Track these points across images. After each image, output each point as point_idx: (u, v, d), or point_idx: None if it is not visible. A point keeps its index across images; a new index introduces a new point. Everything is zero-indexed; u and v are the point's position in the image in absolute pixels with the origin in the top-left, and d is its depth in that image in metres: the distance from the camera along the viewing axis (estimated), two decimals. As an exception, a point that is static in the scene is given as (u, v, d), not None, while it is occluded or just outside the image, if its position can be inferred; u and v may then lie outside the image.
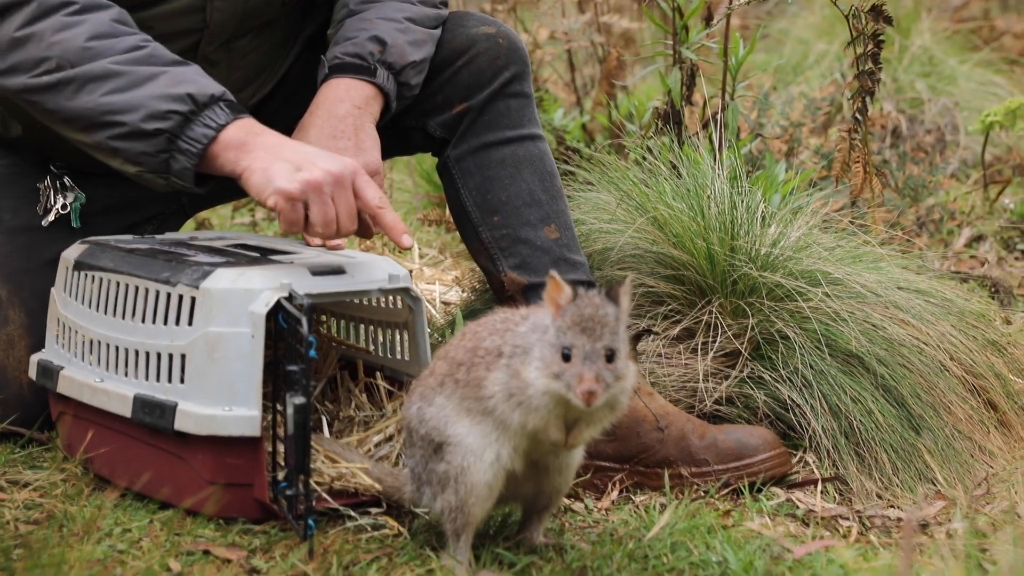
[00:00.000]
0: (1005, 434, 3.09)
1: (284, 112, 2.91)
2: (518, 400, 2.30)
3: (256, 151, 2.57)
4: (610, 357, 2.25)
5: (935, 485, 2.89)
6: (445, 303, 3.99)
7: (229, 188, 2.82)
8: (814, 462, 2.93)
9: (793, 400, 2.97)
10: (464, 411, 2.37)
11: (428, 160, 4.99)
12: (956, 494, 2.84)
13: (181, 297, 2.59)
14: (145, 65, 2.62)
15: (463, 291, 3.82)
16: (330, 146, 2.79)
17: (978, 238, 4.50)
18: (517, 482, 2.45)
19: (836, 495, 2.86)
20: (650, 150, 3.49)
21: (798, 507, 2.80)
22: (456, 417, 2.38)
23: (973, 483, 2.89)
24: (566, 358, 2.24)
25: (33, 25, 2.63)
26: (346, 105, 2.84)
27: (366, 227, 2.67)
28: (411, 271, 4.12)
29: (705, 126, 3.75)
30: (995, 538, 2.57)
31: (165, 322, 2.62)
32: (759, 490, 2.85)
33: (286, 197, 2.52)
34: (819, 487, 2.87)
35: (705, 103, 3.90)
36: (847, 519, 2.76)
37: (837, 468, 2.91)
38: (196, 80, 2.62)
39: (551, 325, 2.28)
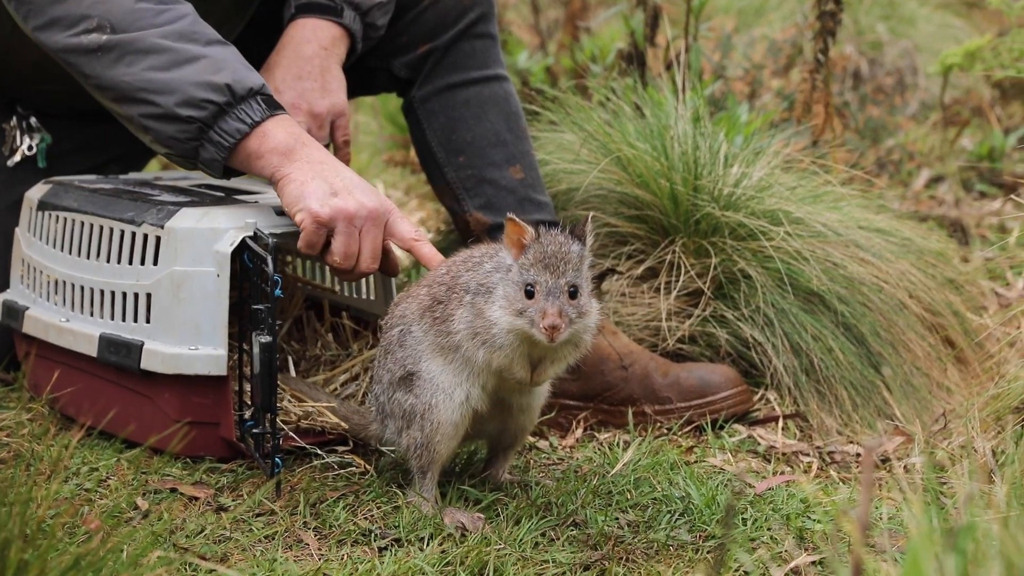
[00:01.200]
0: (962, 370, 3.14)
1: (254, 52, 2.89)
2: (483, 339, 2.32)
3: (300, 162, 2.52)
4: (573, 293, 2.27)
5: (894, 421, 2.94)
6: (409, 244, 3.99)
7: None
8: (775, 399, 2.97)
9: (755, 338, 3.00)
10: (438, 348, 2.39)
11: (393, 101, 4.97)
12: (914, 430, 2.89)
13: (146, 236, 2.59)
14: (187, 42, 2.54)
15: (428, 232, 3.83)
16: (296, 86, 2.78)
17: (937, 179, 4.53)
18: (483, 421, 2.47)
19: (797, 431, 2.90)
20: (614, 91, 3.49)
21: (759, 443, 2.84)
22: (430, 354, 2.40)
23: (931, 419, 2.94)
24: (529, 295, 2.26)
25: None
26: (312, 46, 2.82)
27: (392, 265, 2.62)
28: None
29: (668, 67, 3.75)
30: (953, 472, 2.61)
31: (130, 262, 2.62)
32: (721, 427, 2.89)
33: (314, 219, 2.47)
34: (780, 424, 2.91)
35: (668, 45, 3.90)
36: (807, 455, 2.80)
37: (798, 405, 2.95)
38: (236, 68, 2.55)
39: (514, 264, 2.29)
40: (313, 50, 2.82)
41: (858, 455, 2.78)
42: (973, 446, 2.66)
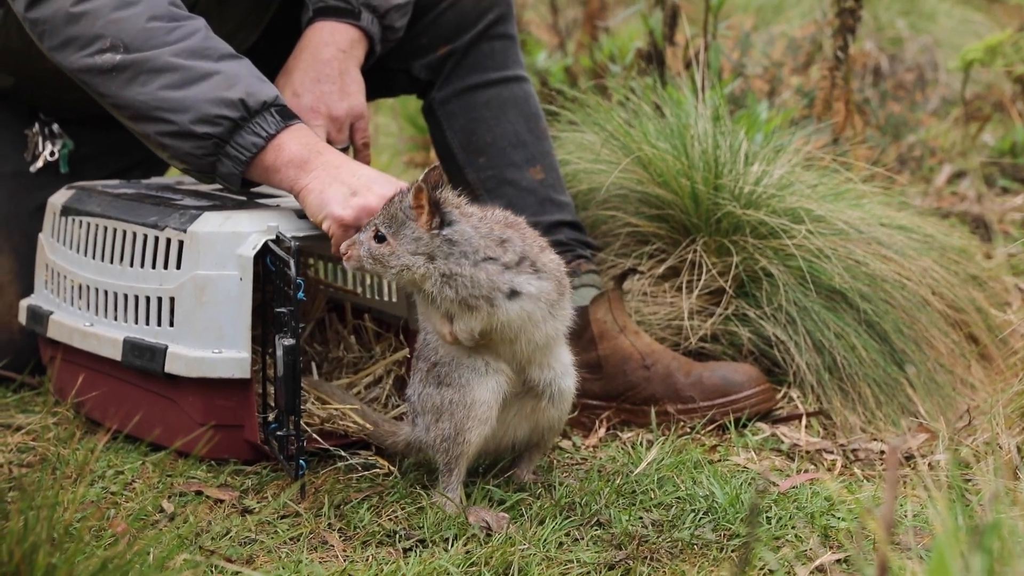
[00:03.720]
0: (986, 367, 3.13)
1: (272, 58, 2.90)
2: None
3: (316, 171, 2.53)
4: (379, 238, 2.39)
5: (918, 418, 2.93)
6: (430, 246, 4.00)
7: None
8: (798, 397, 2.97)
9: (777, 336, 3.00)
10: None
11: (413, 103, 4.98)
12: (939, 426, 2.88)
13: (169, 241, 2.60)
14: (200, 59, 2.56)
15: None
16: (315, 89, 2.79)
17: (959, 174, 4.52)
18: (511, 419, 2.48)
19: (820, 429, 2.90)
20: (633, 91, 3.50)
21: (783, 441, 2.83)
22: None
23: (955, 415, 2.93)
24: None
25: (90, 1, 2.57)
26: (331, 49, 2.83)
27: None
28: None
29: (687, 66, 3.76)
30: (977, 469, 2.60)
31: (153, 266, 2.63)
32: (744, 425, 2.89)
33: (339, 223, 2.49)
34: (803, 422, 2.90)
35: (687, 43, 3.90)
36: (831, 452, 2.79)
37: (821, 403, 2.94)
38: (249, 82, 2.56)
39: None
40: (331, 53, 2.83)
41: (882, 452, 2.78)
42: (998, 443, 2.65)
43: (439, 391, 2.43)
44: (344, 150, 2.83)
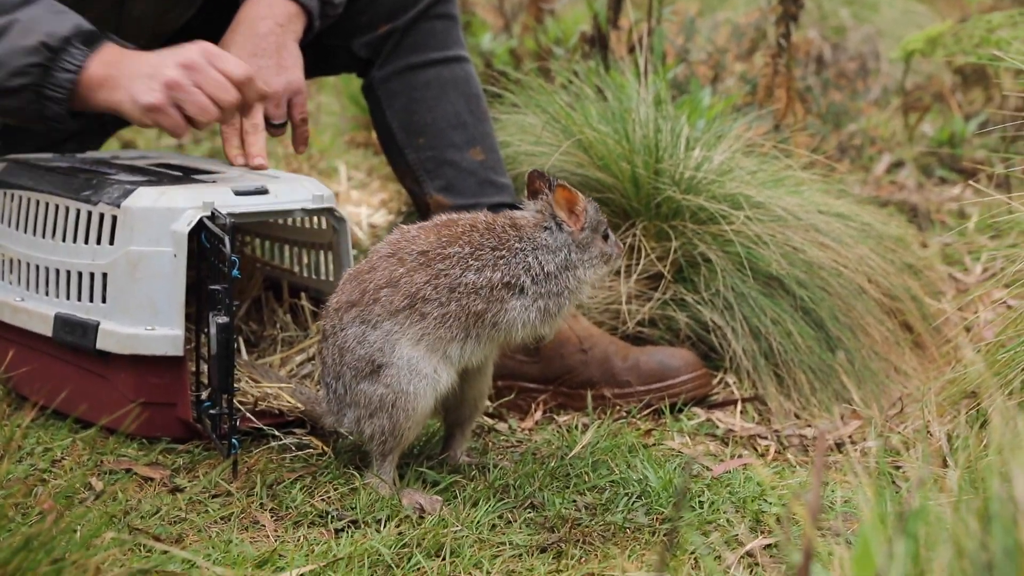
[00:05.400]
0: (919, 355, 3.15)
1: (210, 29, 2.86)
2: (556, 311, 2.50)
3: (120, 80, 2.57)
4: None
5: (851, 405, 2.95)
6: (372, 225, 3.99)
7: None
8: (734, 383, 2.98)
9: (714, 322, 3.01)
10: (421, 338, 2.40)
11: (356, 82, 4.92)
12: (871, 413, 2.90)
13: (102, 216, 2.57)
14: None
15: (390, 213, 3.82)
16: (251, 64, 2.76)
17: (898, 164, 4.55)
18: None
19: (755, 415, 2.91)
20: (576, 74, 3.49)
21: (718, 427, 2.85)
22: (410, 345, 2.39)
23: (888, 403, 2.96)
24: (605, 238, 2.54)
25: None
26: (268, 23, 2.80)
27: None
28: (338, 193, 4.11)
29: (631, 51, 3.75)
30: (907, 456, 2.63)
31: (86, 241, 2.59)
32: (680, 410, 2.90)
33: (154, 109, 2.54)
34: (739, 407, 2.92)
35: (631, 27, 3.90)
36: (765, 438, 2.81)
37: (756, 388, 2.96)
38: (46, 21, 2.56)
39: (577, 230, 2.50)
40: (268, 27, 2.79)
41: (815, 439, 2.79)
42: (929, 430, 2.67)
43: (375, 388, 2.40)
44: (282, 125, 2.80)
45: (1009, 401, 2.37)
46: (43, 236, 2.67)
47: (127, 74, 2.57)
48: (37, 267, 2.68)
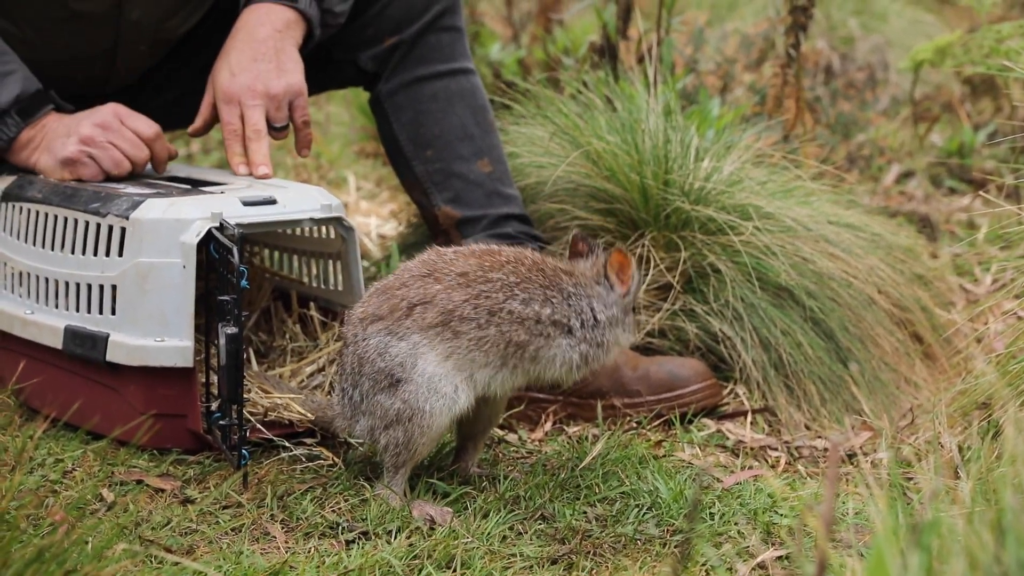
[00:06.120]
0: (930, 366, 3.15)
1: (214, 39, 2.87)
2: (592, 361, 2.52)
3: (41, 142, 2.76)
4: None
5: (861, 416, 2.94)
6: (382, 236, 3.99)
7: (166, 120, 2.84)
8: (744, 393, 2.97)
9: (724, 332, 3.00)
10: (450, 356, 2.39)
11: (365, 93, 4.95)
12: (882, 425, 2.89)
13: (111, 228, 2.57)
14: None
15: (399, 224, 3.82)
16: (252, 68, 2.77)
17: (907, 174, 4.55)
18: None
19: (765, 426, 2.91)
20: (585, 84, 3.49)
21: (728, 438, 2.84)
22: (436, 362, 2.39)
23: (899, 414, 2.95)
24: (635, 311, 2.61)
25: None
26: (266, 28, 2.81)
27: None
28: (347, 204, 4.12)
29: (640, 61, 3.75)
30: (919, 467, 2.62)
31: (95, 253, 2.60)
32: (690, 421, 2.89)
33: (70, 162, 2.73)
34: (749, 418, 2.91)
35: (640, 38, 3.90)
36: (776, 449, 2.80)
37: (766, 399, 2.95)
38: None
39: (624, 294, 2.52)
40: (267, 32, 2.80)
41: (826, 450, 2.79)
42: (940, 441, 2.67)
43: (392, 402, 2.40)
44: (284, 128, 2.81)
45: (1022, 412, 2.37)
46: (52, 249, 2.67)
47: (49, 135, 2.76)
48: (47, 280, 2.68)
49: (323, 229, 2.81)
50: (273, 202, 2.61)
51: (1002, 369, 2.59)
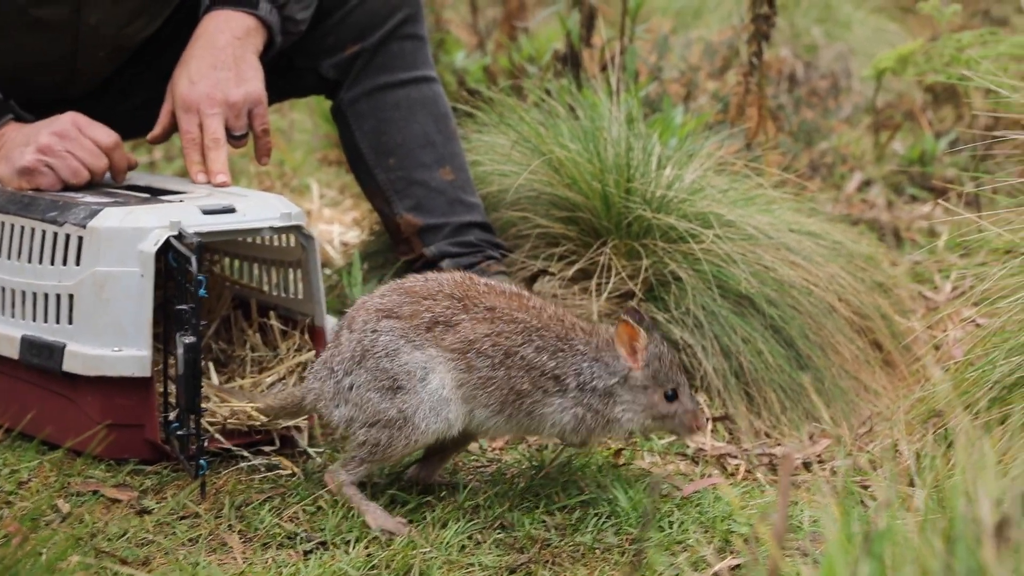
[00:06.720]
0: (889, 373, 3.16)
1: (176, 46, 2.86)
2: (590, 431, 2.46)
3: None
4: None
5: (821, 424, 2.95)
6: (344, 244, 3.98)
7: (126, 128, 2.83)
8: (705, 401, 2.98)
9: (685, 340, 3.01)
10: (462, 386, 2.40)
11: (327, 101, 4.94)
12: (841, 432, 2.90)
13: (68, 237, 2.56)
14: None
15: (362, 232, 3.81)
16: (211, 76, 2.76)
17: (868, 182, 4.57)
18: None
19: (726, 434, 2.91)
20: (549, 92, 3.49)
21: (688, 446, 2.84)
22: (452, 387, 2.39)
23: (858, 422, 2.96)
24: (671, 399, 2.47)
25: None
26: (226, 35, 2.80)
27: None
28: (310, 211, 4.10)
29: (603, 69, 3.76)
30: (874, 476, 2.63)
31: (52, 262, 2.58)
32: (650, 430, 2.89)
33: (27, 171, 2.71)
34: (709, 426, 2.91)
35: (604, 46, 3.91)
36: (735, 457, 2.81)
37: (727, 407, 2.95)
38: None
39: (637, 370, 2.44)
40: (227, 40, 2.80)
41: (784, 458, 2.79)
42: (897, 448, 2.68)
43: (388, 406, 2.38)
44: (243, 136, 2.80)
45: (975, 421, 2.38)
46: (9, 258, 2.65)
47: (7, 145, 2.75)
48: (3, 289, 2.66)
49: (283, 237, 2.80)
50: (232, 211, 2.60)
51: (959, 377, 2.60)
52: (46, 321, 2.59)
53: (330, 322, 2.77)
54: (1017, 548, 1.43)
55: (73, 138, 2.72)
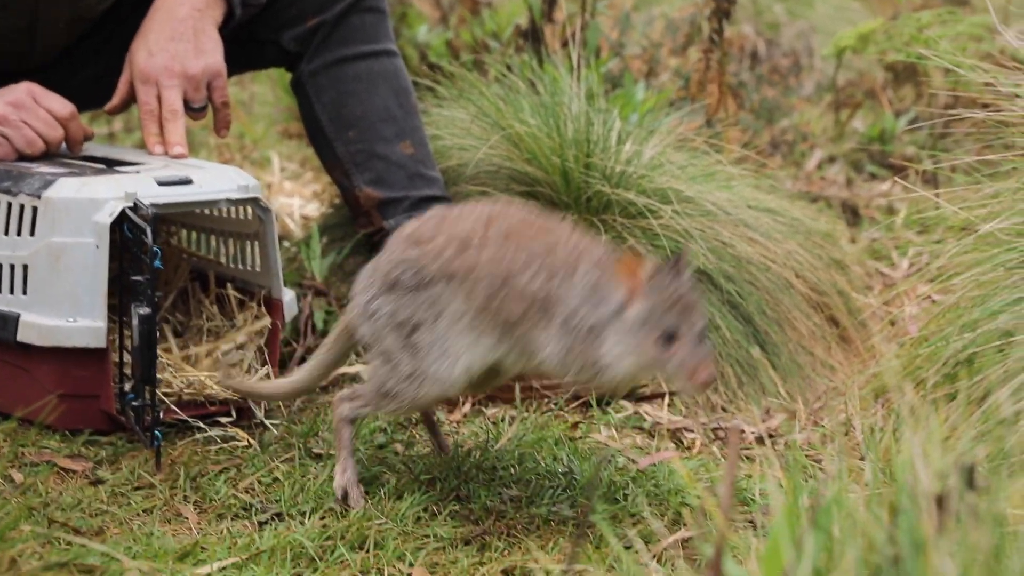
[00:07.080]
0: (845, 349, 3.18)
1: (135, 17, 2.84)
2: (583, 370, 2.21)
3: None
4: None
5: (778, 399, 2.97)
6: (304, 217, 3.97)
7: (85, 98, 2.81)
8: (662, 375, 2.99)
9: (642, 315, 3.01)
10: (475, 323, 2.26)
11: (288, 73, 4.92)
12: (797, 407, 2.93)
13: (23, 207, 2.54)
14: None
15: (322, 205, 3.80)
16: (169, 48, 2.75)
17: (829, 159, 4.60)
18: None
19: (683, 408, 2.93)
20: (510, 68, 3.49)
21: (645, 419, 2.86)
22: (467, 329, 2.26)
23: (813, 396, 2.98)
24: (668, 341, 2.14)
25: None
26: (185, 8, 2.79)
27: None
28: (270, 184, 4.09)
29: (565, 44, 3.76)
30: (824, 450, 2.65)
31: (6, 232, 2.57)
32: (608, 403, 2.91)
33: None
34: (666, 400, 2.93)
35: (566, 21, 3.90)
36: (691, 431, 2.82)
37: (684, 381, 2.96)
38: None
39: (632, 306, 2.17)
40: (186, 12, 2.78)
41: (741, 432, 2.82)
42: (851, 423, 2.70)
43: (403, 353, 2.27)
44: (203, 109, 2.79)
45: (920, 396, 2.41)
46: (-38, 227, 2.64)
47: None
48: (-43, 258, 2.65)
49: (240, 210, 2.79)
50: (189, 182, 2.59)
51: (912, 352, 2.63)
52: (0, 292, 2.58)
53: (287, 294, 2.77)
54: (957, 519, 1.45)
55: (28, 108, 2.70)
